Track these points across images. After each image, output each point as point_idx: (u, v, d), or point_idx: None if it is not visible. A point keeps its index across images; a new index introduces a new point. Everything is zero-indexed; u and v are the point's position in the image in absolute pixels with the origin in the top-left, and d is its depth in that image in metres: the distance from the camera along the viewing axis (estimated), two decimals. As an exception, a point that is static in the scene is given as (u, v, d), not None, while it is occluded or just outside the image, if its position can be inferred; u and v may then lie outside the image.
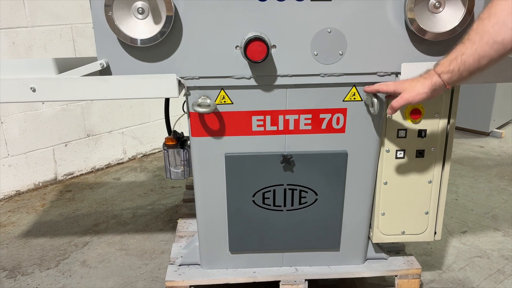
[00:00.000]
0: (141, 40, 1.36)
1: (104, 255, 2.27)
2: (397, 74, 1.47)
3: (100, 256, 2.26)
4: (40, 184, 3.06)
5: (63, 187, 3.05)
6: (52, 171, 3.10)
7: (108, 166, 3.38)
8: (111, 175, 3.23)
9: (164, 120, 2.11)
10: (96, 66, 1.39)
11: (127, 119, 3.39)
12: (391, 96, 1.41)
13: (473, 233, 2.42)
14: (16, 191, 2.96)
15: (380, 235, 1.74)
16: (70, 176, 3.19)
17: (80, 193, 2.96)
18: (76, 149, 3.18)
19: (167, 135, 2.05)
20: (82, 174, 3.24)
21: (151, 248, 2.32)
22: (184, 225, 2.12)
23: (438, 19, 1.38)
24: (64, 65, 1.76)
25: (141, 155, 3.56)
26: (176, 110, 2.11)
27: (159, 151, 3.62)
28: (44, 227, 2.55)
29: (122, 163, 3.45)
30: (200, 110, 1.47)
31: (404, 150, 1.62)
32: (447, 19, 1.38)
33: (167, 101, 2.07)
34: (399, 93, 1.32)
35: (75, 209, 2.74)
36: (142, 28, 1.36)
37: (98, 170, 3.32)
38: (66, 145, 3.12)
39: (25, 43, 2.80)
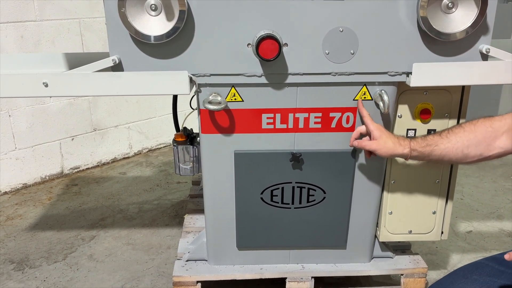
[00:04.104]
0: (154, 36, 1.36)
1: (111, 249, 2.28)
2: (408, 74, 1.47)
3: (107, 250, 2.28)
4: (47, 177, 3.07)
5: (70, 181, 3.07)
6: (58, 165, 3.11)
7: (114, 160, 3.39)
8: (117, 170, 3.25)
9: (170, 115, 2.12)
10: (108, 62, 1.40)
11: (134, 114, 3.40)
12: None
13: (478, 233, 2.43)
14: (23, 184, 2.97)
15: (387, 234, 1.74)
16: (76, 170, 3.20)
17: (86, 187, 2.98)
18: (83, 143, 3.20)
19: (173, 130, 2.06)
20: (88, 168, 3.25)
21: (157, 243, 2.33)
22: (191, 220, 2.13)
23: (451, 20, 1.38)
24: (73, 60, 1.77)
25: (147, 150, 3.57)
26: (182, 105, 2.11)
27: (165, 146, 3.64)
28: (51, 220, 2.56)
29: (128, 157, 3.46)
30: (211, 107, 1.47)
31: (413, 150, 1.62)
32: (460, 19, 1.38)
33: (175, 97, 2.08)
34: (371, 135, 1.45)
35: (82, 203, 2.76)
36: (155, 25, 1.36)
37: (104, 164, 3.33)
38: (72, 139, 3.14)
39: (33, 37, 2.80)
